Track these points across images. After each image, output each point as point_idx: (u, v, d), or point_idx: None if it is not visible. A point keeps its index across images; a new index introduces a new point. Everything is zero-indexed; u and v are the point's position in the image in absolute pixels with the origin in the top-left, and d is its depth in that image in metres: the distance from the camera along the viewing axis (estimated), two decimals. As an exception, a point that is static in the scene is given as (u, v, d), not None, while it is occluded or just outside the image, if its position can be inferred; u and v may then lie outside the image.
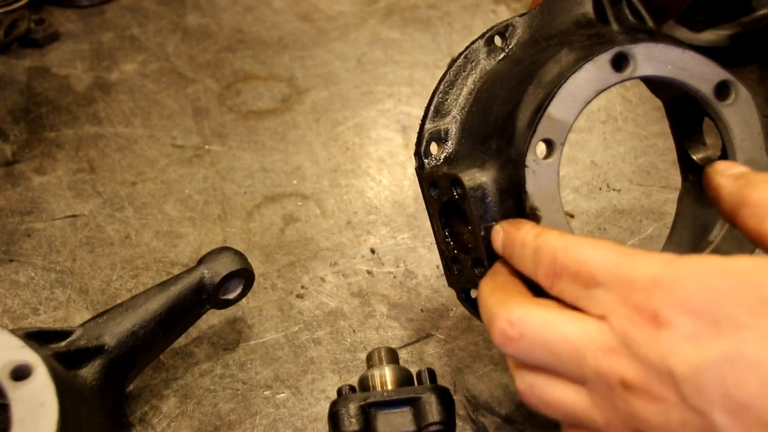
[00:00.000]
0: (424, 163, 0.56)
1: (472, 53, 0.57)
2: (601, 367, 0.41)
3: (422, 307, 0.73)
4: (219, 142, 0.93)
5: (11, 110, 0.97)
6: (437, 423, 0.55)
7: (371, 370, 0.61)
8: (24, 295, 0.74)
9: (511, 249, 0.48)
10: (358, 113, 0.98)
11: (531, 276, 0.47)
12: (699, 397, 0.37)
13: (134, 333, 0.59)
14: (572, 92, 0.49)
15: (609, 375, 0.40)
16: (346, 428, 0.55)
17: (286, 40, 1.11)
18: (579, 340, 0.42)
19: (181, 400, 0.65)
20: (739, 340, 0.36)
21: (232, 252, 0.65)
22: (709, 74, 0.51)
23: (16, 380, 0.50)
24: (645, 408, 0.39)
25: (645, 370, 0.39)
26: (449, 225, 0.56)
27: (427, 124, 0.57)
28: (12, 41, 1.07)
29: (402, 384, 0.60)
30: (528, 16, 0.57)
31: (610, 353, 0.40)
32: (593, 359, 0.41)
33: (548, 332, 0.43)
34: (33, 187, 0.86)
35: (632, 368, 0.39)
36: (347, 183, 0.87)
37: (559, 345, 0.43)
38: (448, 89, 0.57)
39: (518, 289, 0.47)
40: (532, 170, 0.48)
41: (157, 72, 1.05)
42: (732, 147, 0.53)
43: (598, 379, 0.41)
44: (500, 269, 0.50)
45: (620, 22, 0.55)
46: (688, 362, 0.37)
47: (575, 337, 0.42)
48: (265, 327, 0.71)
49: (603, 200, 0.85)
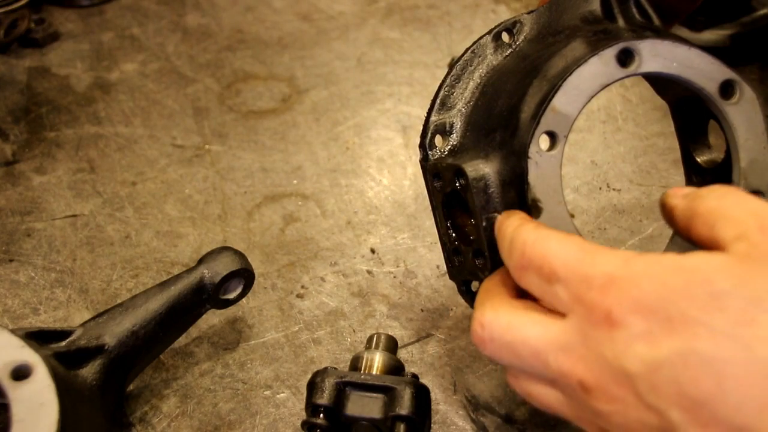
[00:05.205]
0: (429, 155, 0.57)
1: (479, 48, 0.58)
2: (562, 368, 0.41)
3: (422, 307, 0.73)
4: (219, 141, 0.93)
5: (11, 110, 0.97)
6: (404, 416, 0.56)
7: (365, 352, 0.63)
8: (24, 295, 0.74)
9: (497, 239, 0.49)
10: (358, 113, 0.98)
11: (508, 267, 0.47)
12: (654, 396, 0.37)
13: (134, 333, 0.59)
14: (577, 86, 0.49)
15: (569, 376, 0.41)
16: (316, 399, 0.57)
17: (286, 40, 1.11)
18: (539, 343, 0.42)
19: (181, 400, 0.65)
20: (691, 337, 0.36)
21: (232, 252, 0.65)
22: (714, 73, 0.51)
23: (17, 380, 0.50)
24: (604, 408, 0.40)
25: (601, 370, 0.39)
26: (452, 217, 0.56)
27: (432, 116, 0.57)
28: (12, 41, 1.07)
29: (389, 373, 0.61)
30: (536, 13, 0.58)
31: (569, 354, 0.41)
32: (554, 361, 0.42)
33: (511, 335, 0.44)
34: (33, 187, 0.86)
35: (589, 369, 0.40)
36: (347, 183, 0.87)
37: (521, 348, 0.43)
38: (455, 83, 0.57)
39: (500, 289, 0.48)
40: (534, 162, 0.48)
41: (157, 72, 1.05)
42: (736, 146, 0.53)
43: (561, 380, 0.42)
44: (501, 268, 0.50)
45: (627, 19, 0.55)
46: (642, 361, 0.37)
47: (536, 340, 0.43)
48: (265, 327, 0.71)
49: (603, 200, 0.84)
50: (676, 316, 0.37)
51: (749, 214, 0.41)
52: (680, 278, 0.38)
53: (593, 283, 0.40)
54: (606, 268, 0.40)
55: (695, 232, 0.44)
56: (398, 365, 0.63)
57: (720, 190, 0.44)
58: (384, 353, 0.63)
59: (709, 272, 0.37)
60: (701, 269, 0.38)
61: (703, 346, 0.36)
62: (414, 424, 0.56)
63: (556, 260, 0.43)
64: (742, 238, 0.39)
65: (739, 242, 0.39)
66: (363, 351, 0.64)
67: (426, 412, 0.59)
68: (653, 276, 0.38)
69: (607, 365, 0.39)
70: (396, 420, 0.56)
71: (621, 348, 0.38)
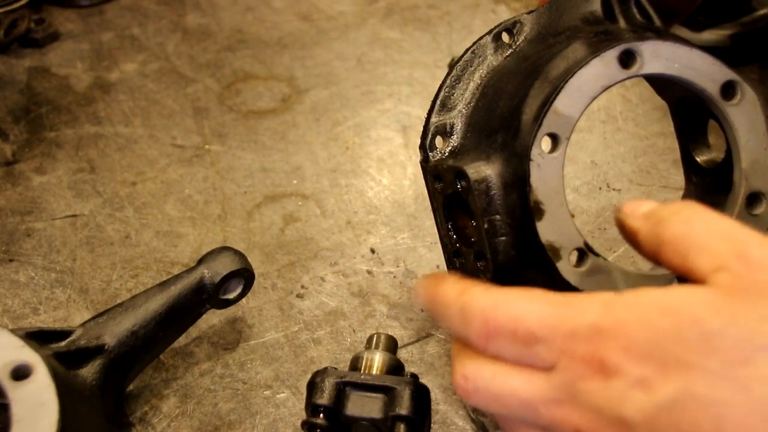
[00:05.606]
0: (429, 156, 0.57)
1: (480, 49, 0.58)
2: (555, 417, 0.41)
3: (422, 307, 0.73)
4: (219, 141, 0.93)
5: (11, 110, 0.97)
6: (404, 416, 0.56)
7: (365, 352, 0.63)
8: (24, 295, 0.74)
9: (434, 307, 0.47)
10: (358, 113, 0.98)
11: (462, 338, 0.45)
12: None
13: (134, 333, 0.59)
14: (579, 87, 0.49)
15: (564, 424, 0.40)
16: (316, 399, 0.57)
17: (286, 40, 1.11)
18: (528, 394, 0.42)
19: (181, 400, 0.65)
20: (687, 381, 0.36)
21: (232, 252, 0.65)
22: (715, 74, 0.51)
23: (16, 380, 0.49)
24: None
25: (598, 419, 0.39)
26: (452, 218, 0.56)
27: (432, 117, 0.57)
28: (12, 41, 1.07)
29: (389, 373, 0.61)
30: (536, 13, 0.58)
31: (562, 405, 0.40)
32: (546, 411, 0.41)
33: (498, 387, 0.43)
34: (33, 187, 0.86)
35: (585, 418, 0.39)
36: (347, 183, 0.87)
37: (510, 400, 0.42)
38: (455, 84, 0.57)
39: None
40: (536, 164, 0.48)
41: (157, 72, 1.05)
42: (737, 147, 0.53)
43: (555, 428, 0.41)
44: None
45: (628, 20, 0.55)
46: (640, 409, 0.37)
47: (524, 391, 0.42)
48: (265, 327, 0.71)
49: (603, 200, 0.84)
50: (670, 360, 0.36)
51: (722, 240, 0.40)
52: (668, 320, 0.37)
53: (579, 336, 0.39)
54: (588, 318, 0.39)
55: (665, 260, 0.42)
56: (398, 365, 0.63)
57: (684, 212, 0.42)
58: (384, 353, 0.63)
59: (697, 311, 0.37)
60: (688, 309, 0.37)
61: (700, 389, 0.35)
62: (414, 424, 0.56)
63: (530, 322, 0.41)
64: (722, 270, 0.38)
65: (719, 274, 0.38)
66: (363, 351, 0.64)
67: (426, 412, 0.59)
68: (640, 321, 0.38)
69: (603, 414, 0.38)
70: (396, 420, 0.56)
71: (617, 396, 0.38)
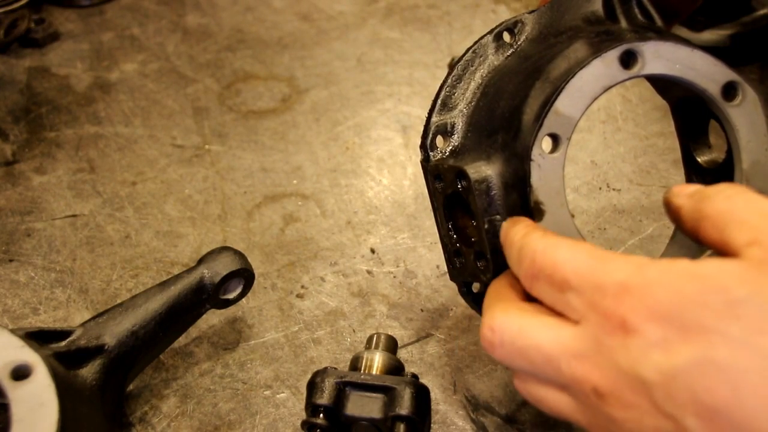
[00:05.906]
0: (430, 155, 0.57)
1: (481, 48, 0.57)
2: (575, 374, 0.41)
3: (422, 307, 0.73)
4: (219, 141, 0.93)
5: (11, 110, 0.97)
6: (404, 416, 0.56)
7: (365, 352, 0.63)
8: (24, 295, 0.74)
9: (504, 247, 0.49)
10: (358, 113, 0.98)
11: (517, 276, 0.47)
12: (671, 404, 0.37)
13: (134, 333, 0.59)
14: (580, 88, 0.49)
15: (583, 383, 0.41)
16: (316, 399, 0.57)
17: (286, 40, 1.11)
18: (552, 349, 0.42)
19: (181, 400, 0.65)
20: (707, 345, 0.36)
21: (232, 252, 0.65)
22: (716, 74, 0.51)
23: (16, 380, 0.50)
24: (619, 415, 0.39)
25: (616, 377, 0.39)
26: (453, 218, 0.56)
27: (433, 117, 0.57)
28: (12, 41, 1.07)
29: (388, 373, 0.61)
30: (537, 13, 0.57)
31: (583, 360, 0.41)
32: (567, 367, 0.41)
33: (523, 340, 0.43)
34: (33, 187, 0.86)
35: (604, 376, 0.40)
36: (347, 183, 0.87)
37: (534, 353, 0.43)
38: (456, 83, 0.57)
39: (509, 292, 0.47)
40: (537, 164, 0.48)
41: (157, 72, 1.05)
42: (738, 148, 0.53)
43: (574, 386, 0.41)
44: (507, 271, 0.50)
45: (629, 20, 0.55)
46: (658, 369, 0.37)
47: (549, 345, 0.42)
48: (265, 327, 0.71)
49: (603, 200, 0.84)
50: (692, 325, 0.37)
51: (761, 217, 0.40)
52: (695, 286, 0.37)
53: (607, 291, 0.40)
54: (619, 275, 0.40)
55: (704, 235, 0.43)
56: (398, 365, 0.63)
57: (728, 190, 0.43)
58: (384, 353, 0.63)
59: (725, 280, 0.37)
60: (716, 277, 0.37)
61: (720, 354, 0.36)
62: (414, 424, 0.56)
63: (567, 268, 0.42)
64: (756, 244, 0.39)
65: (753, 248, 0.39)
66: (363, 351, 0.64)
67: (426, 412, 0.59)
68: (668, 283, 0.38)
69: (622, 372, 0.39)
70: (396, 420, 0.56)
71: (636, 356, 0.38)
